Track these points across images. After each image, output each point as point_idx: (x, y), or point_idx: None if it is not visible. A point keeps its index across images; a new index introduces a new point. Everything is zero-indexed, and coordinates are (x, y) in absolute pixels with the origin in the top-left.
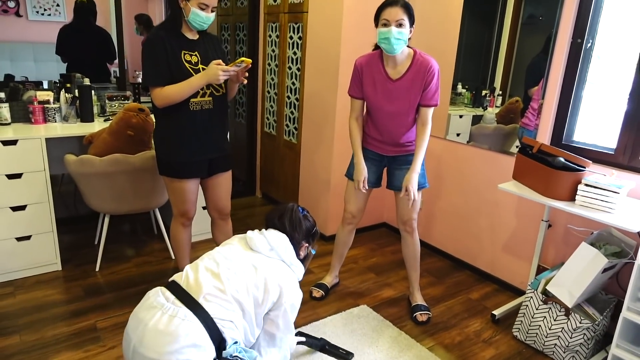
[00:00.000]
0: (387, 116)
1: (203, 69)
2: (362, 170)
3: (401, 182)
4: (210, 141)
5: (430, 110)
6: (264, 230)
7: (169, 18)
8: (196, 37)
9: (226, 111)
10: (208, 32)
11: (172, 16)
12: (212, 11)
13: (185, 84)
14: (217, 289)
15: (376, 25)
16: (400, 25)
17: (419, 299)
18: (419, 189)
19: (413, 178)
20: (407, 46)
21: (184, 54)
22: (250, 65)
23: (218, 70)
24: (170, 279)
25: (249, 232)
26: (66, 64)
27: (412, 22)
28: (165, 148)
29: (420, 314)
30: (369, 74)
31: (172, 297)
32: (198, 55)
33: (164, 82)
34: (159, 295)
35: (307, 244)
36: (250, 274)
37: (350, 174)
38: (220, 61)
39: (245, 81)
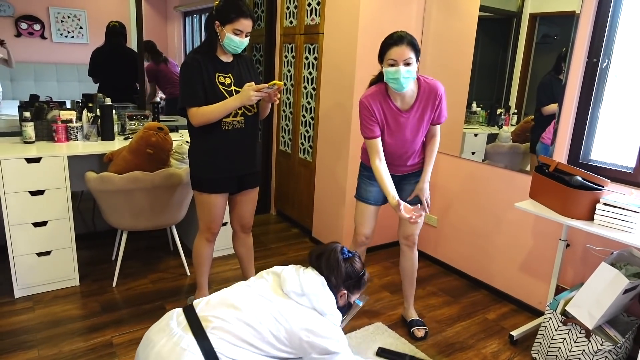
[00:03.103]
0: (399, 146)
1: (236, 90)
2: (400, 208)
3: (409, 196)
4: (241, 159)
5: (439, 126)
6: (301, 269)
7: (204, 42)
8: (230, 59)
9: (257, 130)
10: (242, 54)
11: (208, 40)
12: (246, 36)
13: (220, 105)
14: (228, 324)
15: (380, 62)
16: (408, 64)
17: (413, 314)
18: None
19: (424, 188)
20: None
21: (218, 76)
22: (282, 88)
23: (251, 92)
24: (193, 302)
25: (285, 270)
26: (98, 84)
27: (418, 57)
28: (198, 164)
29: (418, 329)
30: (379, 109)
31: (184, 322)
32: (232, 77)
33: (200, 103)
34: (172, 319)
35: (345, 291)
36: (271, 322)
37: (360, 196)
38: (252, 83)
39: (277, 101)
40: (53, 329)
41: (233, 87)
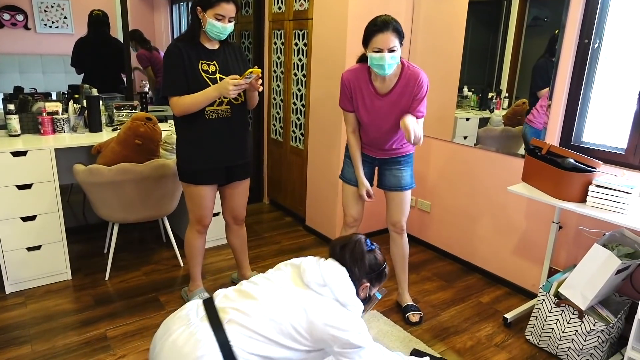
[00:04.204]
0: (376, 129)
1: (221, 78)
2: (363, 185)
3: (391, 182)
4: (228, 149)
5: (419, 120)
6: (320, 260)
7: (188, 29)
8: (216, 46)
9: (246, 119)
10: (230, 42)
11: (191, 27)
12: (229, 22)
13: (199, 95)
14: (245, 316)
15: (365, 47)
16: (392, 50)
17: (408, 300)
18: (406, 189)
19: (406, 121)
20: None
21: (202, 63)
22: (261, 74)
23: (228, 84)
24: (213, 294)
25: (305, 261)
26: (81, 75)
27: (402, 41)
28: (184, 155)
29: (413, 314)
30: (357, 89)
31: (202, 313)
32: (216, 64)
33: (180, 92)
34: (191, 309)
35: (367, 283)
36: (290, 313)
37: (345, 177)
38: (235, 76)
39: (261, 88)
40: (46, 324)
41: (218, 75)
